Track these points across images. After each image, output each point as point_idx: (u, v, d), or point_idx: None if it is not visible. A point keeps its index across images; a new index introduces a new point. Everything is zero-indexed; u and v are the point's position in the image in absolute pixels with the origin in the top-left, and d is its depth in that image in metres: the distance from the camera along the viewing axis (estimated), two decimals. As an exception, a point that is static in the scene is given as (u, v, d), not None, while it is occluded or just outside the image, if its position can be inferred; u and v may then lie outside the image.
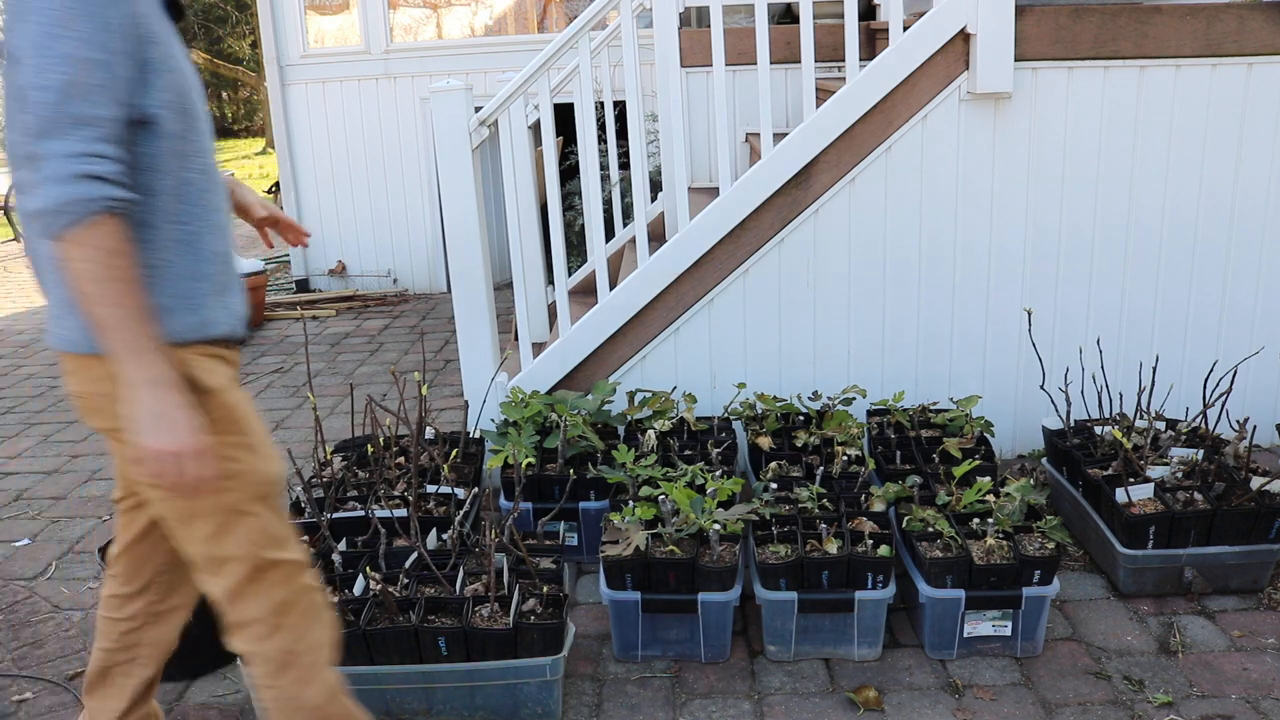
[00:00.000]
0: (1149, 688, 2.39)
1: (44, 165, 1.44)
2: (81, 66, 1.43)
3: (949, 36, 3.22)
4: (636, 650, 2.56)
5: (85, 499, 3.77)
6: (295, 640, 1.75)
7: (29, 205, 1.48)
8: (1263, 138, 3.36)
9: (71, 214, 1.44)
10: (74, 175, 1.43)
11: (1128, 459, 2.86)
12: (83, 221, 1.45)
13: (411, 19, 7.30)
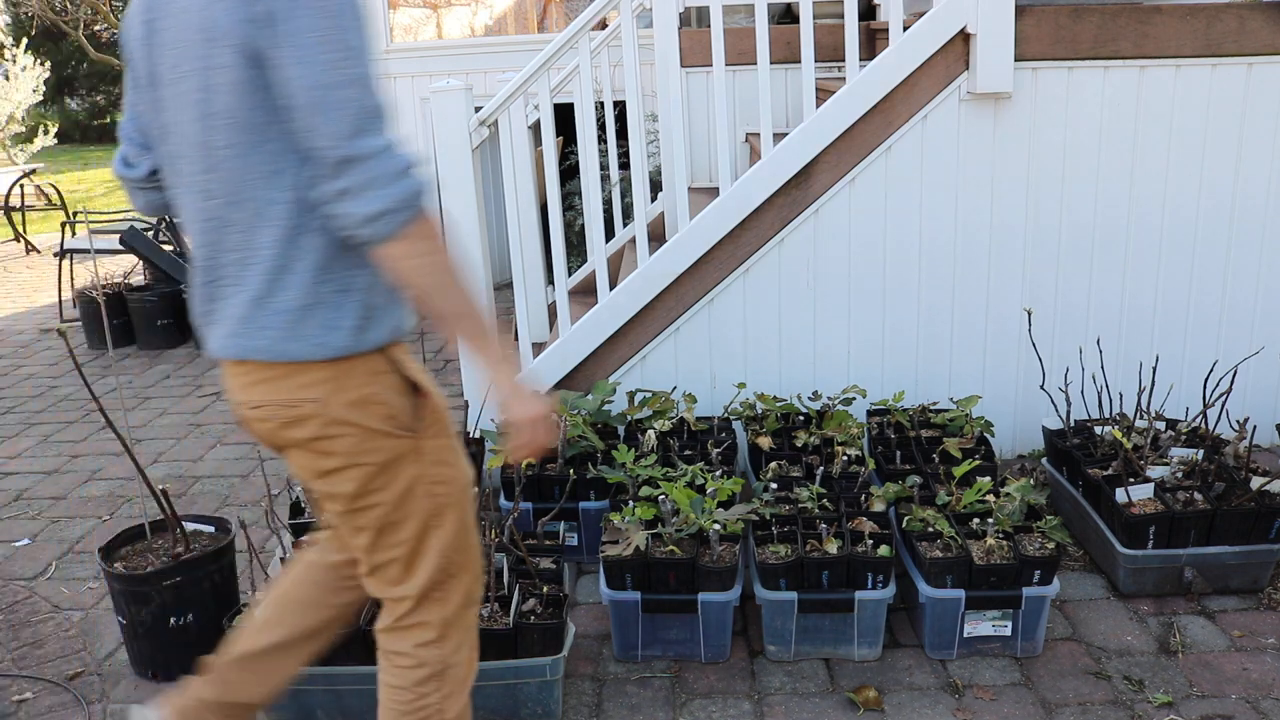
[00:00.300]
0: (1149, 688, 2.39)
1: (366, 165, 1.38)
2: (364, 56, 1.38)
3: (949, 36, 3.21)
4: (636, 650, 2.56)
5: (85, 499, 3.77)
6: (454, 653, 1.72)
7: (357, 210, 1.40)
8: (1263, 138, 3.36)
9: (409, 209, 1.40)
10: (403, 169, 1.40)
11: (1128, 459, 2.86)
12: (417, 215, 1.41)
13: (411, 19, 7.30)
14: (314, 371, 1.51)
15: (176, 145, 1.51)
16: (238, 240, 1.49)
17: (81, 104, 24.73)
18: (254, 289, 1.49)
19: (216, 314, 1.56)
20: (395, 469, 1.58)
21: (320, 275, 1.48)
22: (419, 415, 1.59)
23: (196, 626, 2.54)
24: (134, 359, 5.69)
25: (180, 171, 1.53)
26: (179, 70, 1.45)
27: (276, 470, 3.83)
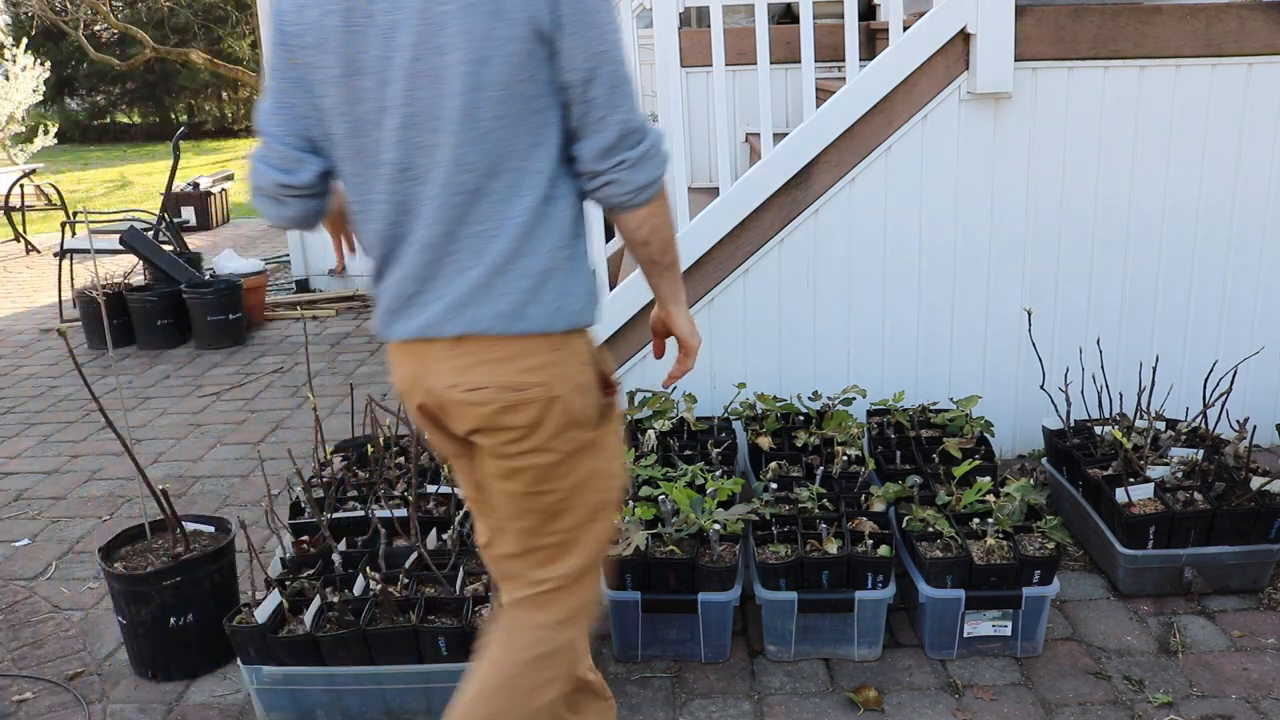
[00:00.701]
0: (1149, 688, 2.39)
1: (647, 137, 1.53)
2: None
3: (949, 36, 3.21)
4: (636, 650, 2.56)
5: (85, 499, 3.77)
6: (576, 638, 1.74)
7: (634, 180, 1.52)
8: (1263, 138, 3.36)
9: (662, 177, 1.55)
10: (662, 138, 1.54)
11: (1128, 459, 2.86)
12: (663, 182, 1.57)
13: (411, 19, 7.28)
14: (541, 353, 1.54)
15: (401, 129, 1.48)
16: (488, 211, 1.50)
17: (81, 104, 24.73)
18: (497, 257, 1.51)
19: (432, 292, 1.54)
20: (578, 460, 1.60)
21: (561, 242, 1.54)
22: (606, 409, 1.65)
23: (196, 626, 2.54)
24: (134, 359, 5.69)
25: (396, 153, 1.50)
26: (429, 46, 1.44)
27: (276, 470, 3.83)
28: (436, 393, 1.57)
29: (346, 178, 1.57)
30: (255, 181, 1.60)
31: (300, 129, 1.56)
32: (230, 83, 23.06)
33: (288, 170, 1.57)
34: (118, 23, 18.57)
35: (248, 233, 10.36)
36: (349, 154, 1.54)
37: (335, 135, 1.54)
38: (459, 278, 1.52)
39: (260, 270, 6.39)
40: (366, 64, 1.47)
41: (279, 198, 1.59)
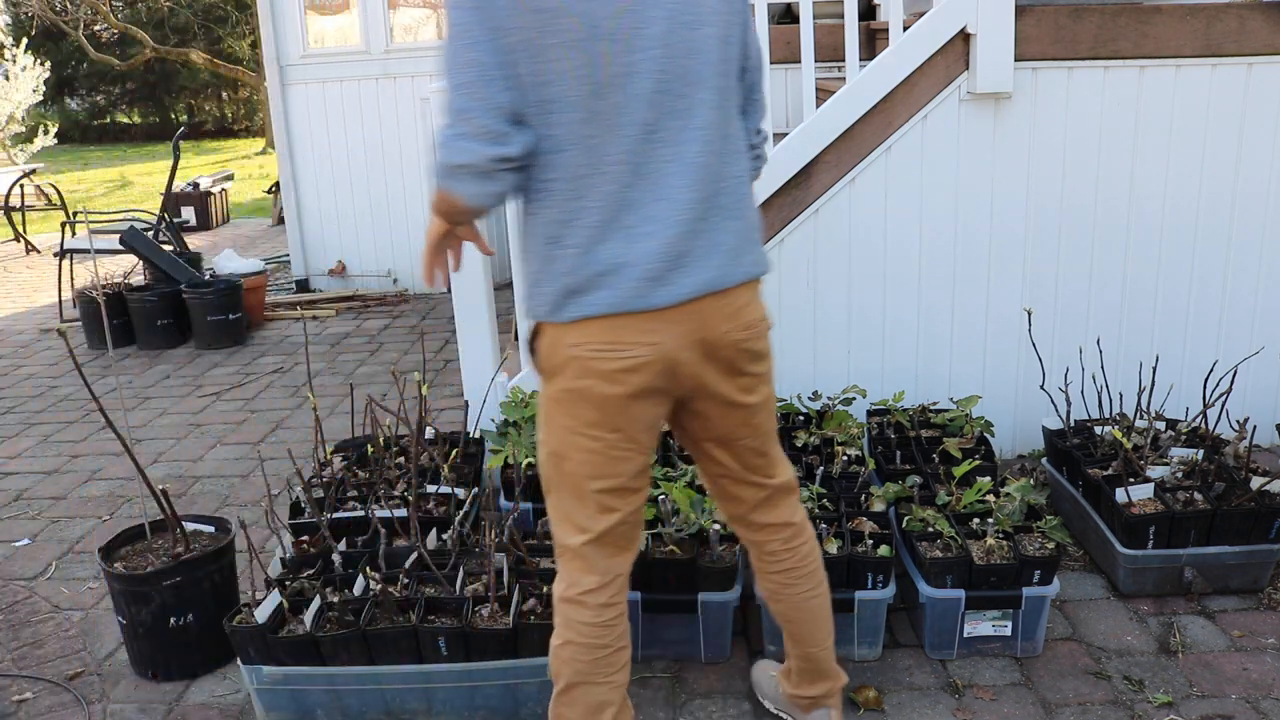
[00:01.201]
0: (1149, 688, 2.39)
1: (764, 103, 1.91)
2: None
3: (949, 36, 3.21)
4: (636, 650, 2.56)
5: (85, 499, 3.77)
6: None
7: (766, 155, 1.96)
8: (1263, 138, 3.36)
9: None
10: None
11: (1128, 459, 2.86)
12: None
13: (411, 19, 7.29)
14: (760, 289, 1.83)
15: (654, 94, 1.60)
16: (731, 170, 1.72)
17: (81, 104, 24.73)
18: (748, 210, 1.77)
19: (704, 248, 1.68)
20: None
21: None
22: None
23: (196, 626, 2.54)
24: (134, 359, 5.69)
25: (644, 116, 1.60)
26: (682, 20, 1.60)
27: (276, 470, 3.83)
28: (711, 340, 1.71)
29: (576, 141, 1.59)
30: (463, 159, 1.56)
31: (507, 101, 1.57)
32: (230, 83, 23.07)
33: (501, 143, 1.57)
34: (118, 23, 18.57)
35: (248, 233, 10.36)
36: (585, 116, 1.58)
37: (570, 98, 1.57)
38: (727, 231, 1.70)
39: (260, 270, 6.39)
40: (613, 30, 1.55)
41: (492, 172, 1.58)
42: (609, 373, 1.66)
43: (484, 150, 1.55)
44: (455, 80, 1.55)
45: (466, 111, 1.55)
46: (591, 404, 1.69)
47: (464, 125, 1.55)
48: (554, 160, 1.61)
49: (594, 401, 1.69)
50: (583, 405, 1.70)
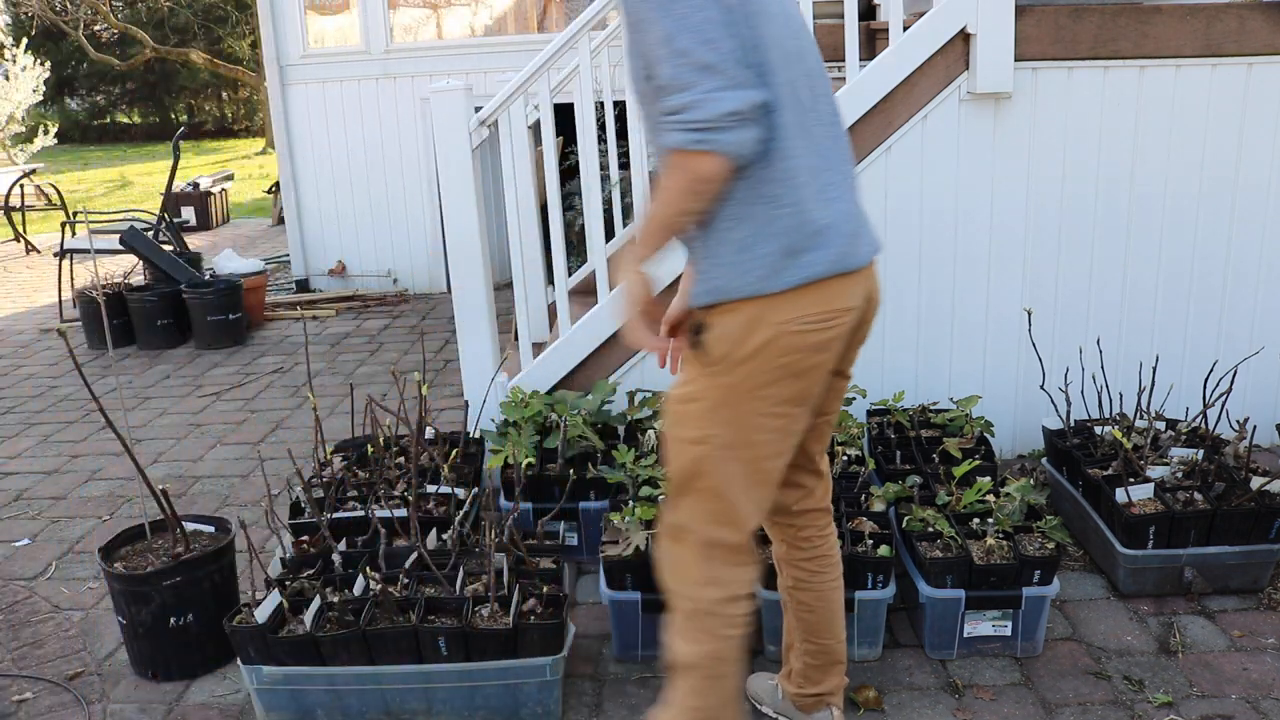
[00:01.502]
0: (1149, 688, 2.39)
1: None
2: None
3: (949, 37, 3.21)
4: (636, 650, 2.56)
5: (85, 499, 3.77)
6: None
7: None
8: (1263, 138, 3.36)
9: None
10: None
11: (1128, 459, 2.86)
12: None
13: (411, 19, 7.30)
14: None
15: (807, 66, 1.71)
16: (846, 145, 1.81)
17: (81, 104, 24.73)
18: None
19: (862, 216, 1.78)
20: None
21: None
22: None
23: (196, 626, 2.54)
24: (134, 359, 5.69)
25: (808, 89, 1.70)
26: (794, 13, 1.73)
27: (276, 470, 3.83)
28: (873, 304, 1.83)
29: (787, 104, 1.65)
30: (730, 106, 1.54)
31: (744, 56, 1.59)
32: (230, 83, 23.07)
33: (757, 87, 1.59)
34: (118, 23, 18.57)
35: (248, 233, 10.36)
36: (785, 80, 1.65)
37: (775, 63, 1.64)
38: (861, 205, 1.80)
39: (260, 270, 6.39)
40: (780, 10, 1.67)
41: (755, 118, 1.58)
42: (820, 343, 1.69)
43: (747, 95, 1.56)
44: (694, 39, 1.55)
45: (715, 65, 1.55)
46: (794, 379, 1.69)
47: (717, 78, 1.54)
48: (772, 120, 1.63)
49: (797, 375, 1.69)
50: (782, 384, 1.69)
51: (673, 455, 1.79)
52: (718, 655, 1.79)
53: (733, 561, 1.80)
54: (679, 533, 1.80)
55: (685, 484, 1.77)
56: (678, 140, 1.56)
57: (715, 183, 1.59)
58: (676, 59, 1.55)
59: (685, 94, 1.54)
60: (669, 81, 1.57)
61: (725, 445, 1.72)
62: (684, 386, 1.76)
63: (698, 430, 1.73)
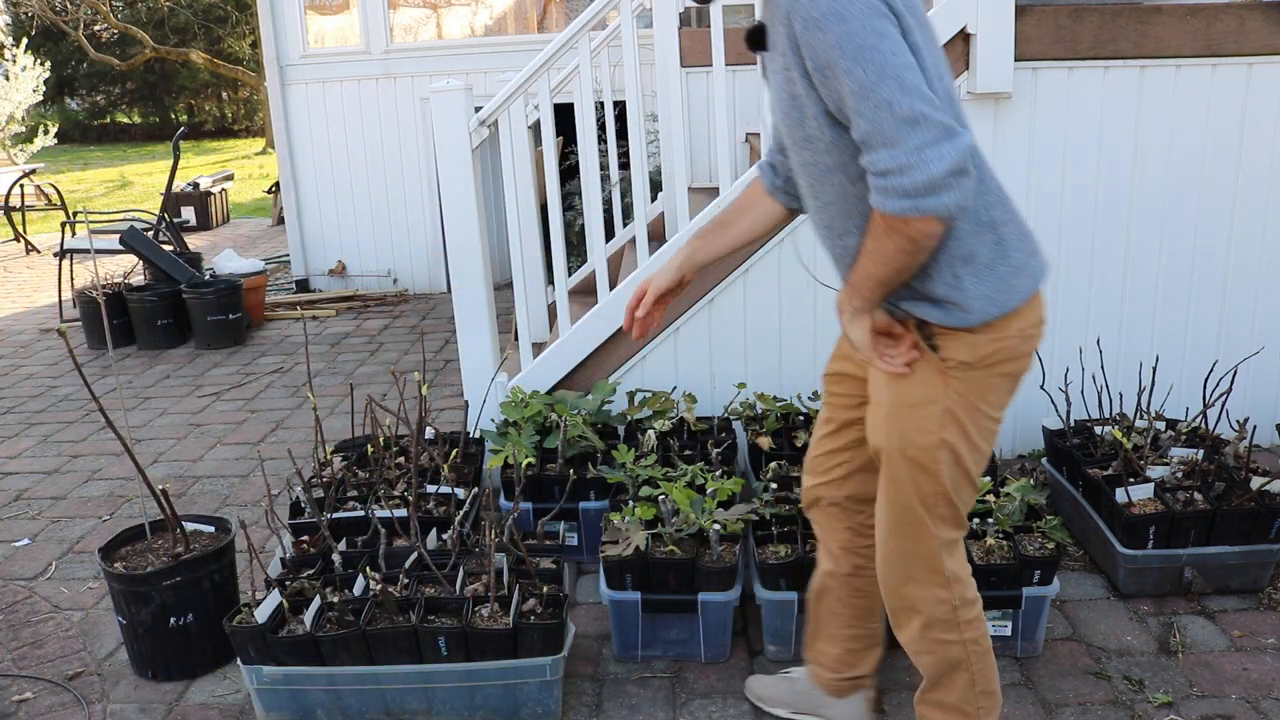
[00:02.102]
0: (1149, 688, 2.39)
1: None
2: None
3: (949, 36, 3.21)
4: (636, 650, 2.56)
5: (85, 499, 3.77)
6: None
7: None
8: (1263, 138, 3.36)
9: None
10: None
11: (1128, 459, 2.86)
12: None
13: (411, 19, 7.30)
14: None
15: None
16: None
17: (81, 104, 24.74)
18: None
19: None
20: None
21: None
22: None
23: (196, 626, 2.54)
24: (134, 359, 5.69)
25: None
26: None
27: (276, 470, 3.83)
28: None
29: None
30: (946, 166, 1.47)
31: (947, 100, 1.55)
32: (230, 83, 23.07)
33: (963, 132, 1.52)
34: (118, 23, 18.57)
35: (248, 233, 10.36)
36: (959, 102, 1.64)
37: (953, 89, 1.60)
38: None
39: (260, 270, 6.39)
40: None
41: (969, 167, 1.51)
42: (1034, 348, 1.74)
43: (959, 146, 1.48)
44: (896, 89, 1.46)
45: (922, 117, 1.46)
46: (1013, 384, 1.75)
47: (926, 131, 1.46)
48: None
49: (1015, 379, 1.75)
50: (1004, 390, 1.74)
51: (905, 460, 1.76)
52: (976, 638, 1.86)
53: (959, 554, 1.85)
54: (918, 537, 1.80)
55: (918, 487, 1.77)
56: (894, 207, 1.50)
57: (937, 238, 1.56)
58: (878, 112, 1.47)
59: (895, 152, 1.47)
60: (869, 137, 1.50)
61: (959, 448, 1.74)
62: (912, 388, 1.73)
63: (935, 435, 1.73)
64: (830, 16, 1.47)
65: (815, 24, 1.48)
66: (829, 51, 1.49)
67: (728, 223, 2.05)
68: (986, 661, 1.90)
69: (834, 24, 1.47)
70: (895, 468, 1.78)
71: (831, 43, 1.47)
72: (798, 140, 1.69)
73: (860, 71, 1.46)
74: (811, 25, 1.49)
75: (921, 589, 1.85)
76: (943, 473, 1.75)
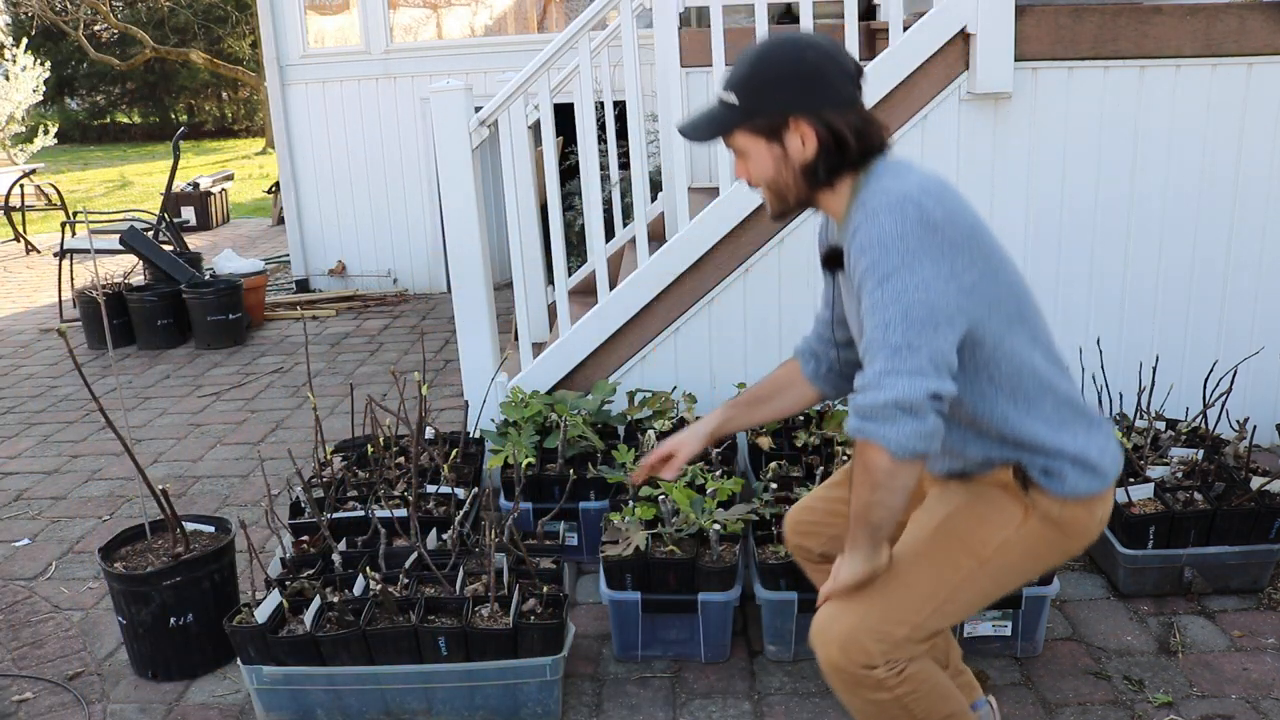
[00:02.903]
0: (1149, 688, 2.39)
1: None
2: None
3: (949, 36, 3.21)
4: (636, 650, 2.56)
5: (85, 499, 3.76)
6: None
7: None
8: (1263, 138, 3.36)
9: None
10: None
11: (1128, 459, 2.86)
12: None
13: (411, 19, 7.30)
14: None
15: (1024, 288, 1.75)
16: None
17: (81, 104, 24.74)
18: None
19: None
20: None
21: None
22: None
23: (196, 626, 2.54)
24: (134, 359, 5.69)
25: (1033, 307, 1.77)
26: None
27: (276, 470, 3.83)
28: None
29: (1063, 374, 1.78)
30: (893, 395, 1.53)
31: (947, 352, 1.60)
32: (230, 83, 23.07)
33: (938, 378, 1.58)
34: (118, 23, 18.57)
35: (248, 233, 10.36)
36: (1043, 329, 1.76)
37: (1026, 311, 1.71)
38: None
39: (260, 270, 6.39)
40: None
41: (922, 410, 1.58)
42: (1095, 538, 1.82)
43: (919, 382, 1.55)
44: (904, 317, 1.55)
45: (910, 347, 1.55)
46: (1063, 558, 1.83)
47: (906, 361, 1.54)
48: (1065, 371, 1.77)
49: (1067, 556, 1.83)
50: (1055, 558, 1.81)
51: (940, 534, 1.75)
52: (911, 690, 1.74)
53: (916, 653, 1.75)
54: (889, 605, 1.73)
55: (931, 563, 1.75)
56: (848, 424, 1.58)
57: (890, 476, 1.56)
58: (881, 330, 1.55)
59: (866, 371, 1.57)
60: (861, 354, 1.61)
61: (987, 573, 1.75)
62: (991, 507, 1.76)
63: (985, 547, 1.74)
64: (873, 246, 1.56)
65: (863, 250, 1.58)
66: (864, 275, 1.58)
67: (763, 399, 2.08)
68: (929, 701, 1.77)
69: (873, 251, 1.56)
70: (923, 538, 1.76)
71: (866, 266, 1.57)
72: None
73: (877, 294, 1.56)
74: (859, 252, 1.59)
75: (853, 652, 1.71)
76: (959, 573, 1.73)
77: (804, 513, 2.12)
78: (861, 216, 1.60)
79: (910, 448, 1.53)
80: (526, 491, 2.98)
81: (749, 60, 1.66)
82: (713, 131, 1.68)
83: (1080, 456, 1.71)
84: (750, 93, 1.65)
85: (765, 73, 1.64)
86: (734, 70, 1.67)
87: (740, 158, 1.72)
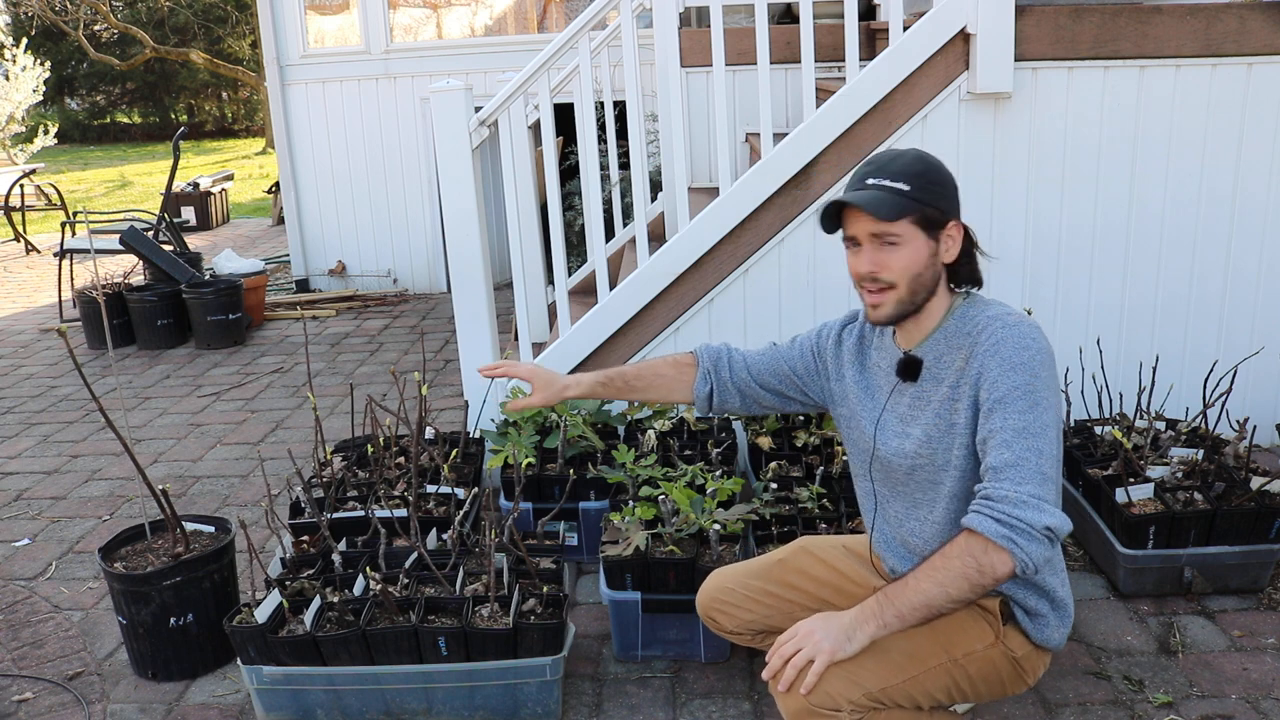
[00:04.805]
0: (1149, 688, 2.39)
1: None
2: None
3: (949, 36, 3.21)
4: (636, 650, 2.56)
5: (85, 499, 3.77)
6: None
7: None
8: (1263, 138, 3.36)
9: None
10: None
11: (1128, 459, 2.86)
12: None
13: (411, 19, 7.30)
14: None
15: None
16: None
17: (81, 104, 24.74)
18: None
19: None
20: None
21: None
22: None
23: (196, 626, 2.54)
24: (134, 359, 5.69)
25: None
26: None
27: (276, 470, 3.83)
28: None
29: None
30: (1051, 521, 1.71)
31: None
32: (230, 83, 23.07)
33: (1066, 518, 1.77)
34: (118, 23, 18.57)
35: (247, 233, 10.36)
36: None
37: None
38: None
39: (260, 270, 6.39)
40: None
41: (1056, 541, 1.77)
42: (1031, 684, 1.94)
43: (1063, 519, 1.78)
44: (1050, 448, 1.72)
45: (1053, 479, 1.74)
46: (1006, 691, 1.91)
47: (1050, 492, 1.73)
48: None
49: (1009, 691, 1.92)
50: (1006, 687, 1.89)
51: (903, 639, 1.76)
52: None
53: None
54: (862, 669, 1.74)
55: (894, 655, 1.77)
56: (989, 529, 1.63)
57: (998, 583, 1.66)
58: (1027, 452, 1.67)
59: (1020, 488, 1.65)
60: (1005, 466, 1.67)
61: (955, 680, 1.81)
62: (967, 626, 1.84)
63: (946, 654, 1.81)
64: (1025, 366, 1.69)
65: (1014, 366, 1.69)
66: (1013, 390, 1.68)
67: (639, 388, 2.18)
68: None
69: (1025, 373, 1.69)
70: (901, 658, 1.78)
71: (1019, 384, 1.68)
72: (933, 463, 1.83)
73: (1030, 417, 1.67)
74: (1009, 366, 1.70)
75: (818, 697, 1.70)
76: (930, 660, 1.79)
77: (720, 592, 2.11)
78: (989, 336, 1.72)
79: (1031, 569, 1.66)
80: (526, 491, 2.98)
81: (914, 158, 1.76)
82: (894, 212, 1.72)
83: (1064, 603, 1.90)
84: (923, 186, 1.74)
85: (933, 174, 1.75)
86: (894, 163, 1.76)
87: (886, 246, 1.75)
